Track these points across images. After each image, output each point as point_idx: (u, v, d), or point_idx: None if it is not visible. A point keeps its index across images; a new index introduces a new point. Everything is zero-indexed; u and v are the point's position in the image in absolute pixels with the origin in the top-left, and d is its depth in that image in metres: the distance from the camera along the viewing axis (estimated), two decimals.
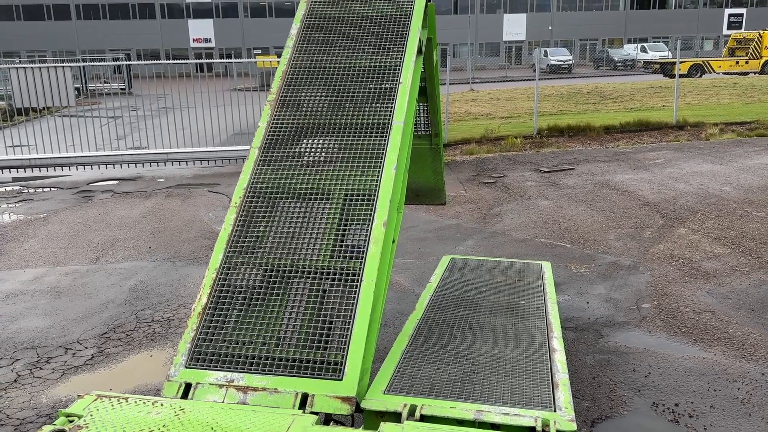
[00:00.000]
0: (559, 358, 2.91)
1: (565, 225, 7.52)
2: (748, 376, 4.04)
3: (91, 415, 2.34)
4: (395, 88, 3.44)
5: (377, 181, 3.04)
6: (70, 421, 2.33)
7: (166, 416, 2.33)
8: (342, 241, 2.88)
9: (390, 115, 3.31)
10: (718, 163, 10.63)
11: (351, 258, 2.80)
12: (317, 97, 3.55)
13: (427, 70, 4.54)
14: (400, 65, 3.55)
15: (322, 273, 2.78)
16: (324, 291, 2.73)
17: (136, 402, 2.43)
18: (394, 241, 3.04)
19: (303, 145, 3.33)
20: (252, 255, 2.96)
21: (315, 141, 3.33)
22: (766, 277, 5.69)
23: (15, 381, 4.21)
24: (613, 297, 5.39)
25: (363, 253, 2.78)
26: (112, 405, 2.42)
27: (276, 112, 3.48)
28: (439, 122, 5.39)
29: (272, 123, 3.43)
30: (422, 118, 5.32)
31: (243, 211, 3.09)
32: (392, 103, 3.37)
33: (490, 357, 2.94)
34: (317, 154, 3.27)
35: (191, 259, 6.62)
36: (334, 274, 2.76)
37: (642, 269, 6.01)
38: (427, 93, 4.97)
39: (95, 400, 2.45)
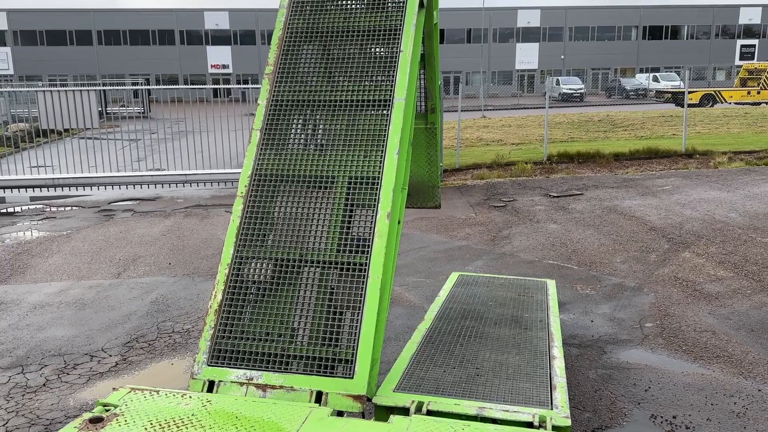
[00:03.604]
0: (558, 365, 3.10)
1: (572, 248, 7.70)
2: (745, 392, 4.18)
3: (126, 405, 2.56)
4: (395, 57, 3.22)
5: (380, 165, 2.98)
6: (107, 410, 2.55)
7: (195, 407, 2.55)
8: (348, 230, 2.90)
9: (391, 91, 3.14)
10: (725, 190, 10.79)
11: (357, 252, 2.84)
12: (315, 69, 3.36)
13: (426, 26, 3.92)
14: (400, 27, 3.29)
15: (330, 265, 2.85)
16: (332, 287, 2.82)
17: (166, 394, 2.65)
18: (399, 222, 3.03)
19: (303, 126, 3.24)
20: (261, 248, 2.98)
21: (315, 120, 3.23)
22: (767, 299, 5.83)
23: (44, 385, 4.44)
24: (617, 316, 5.56)
25: (368, 246, 2.82)
26: (145, 396, 2.64)
27: (275, 87, 3.32)
28: (437, 95, 4.71)
29: (271, 100, 3.30)
30: (417, 90, 4.59)
31: (249, 201, 3.08)
32: (393, 75, 3.18)
33: (494, 362, 3.13)
34: (318, 135, 3.18)
35: (210, 275, 6.87)
36: (342, 268, 2.83)
37: (646, 291, 6.17)
38: (424, 57, 4.32)
39: (129, 392, 2.67)
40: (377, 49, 3.29)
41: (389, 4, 3.38)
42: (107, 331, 5.41)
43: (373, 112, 3.14)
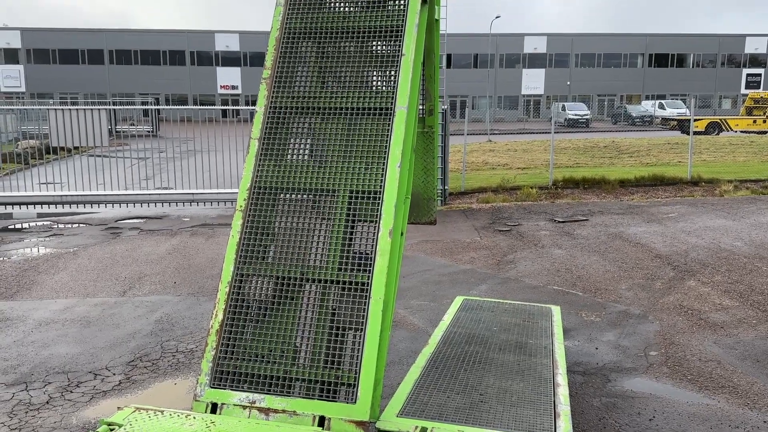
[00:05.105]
0: (563, 392, 3.10)
1: (577, 274, 7.69)
2: (751, 423, 4.15)
3: (131, 425, 2.57)
4: (397, 61, 3.10)
5: (382, 178, 2.90)
6: (111, 429, 2.56)
7: (199, 428, 2.56)
8: (349, 246, 2.86)
9: (392, 98, 3.03)
10: (730, 218, 10.78)
11: (359, 270, 2.81)
12: (314, 73, 3.24)
13: (427, 20, 3.60)
14: (402, 26, 3.14)
15: (331, 284, 2.82)
16: (334, 307, 2.80)
17: (171, 414, 2.65)
18: (402, 234, 2.97)
19: (303, 135, 3.15)
20: (262, 265, 2.93)
21: (315, 129, 3.13)
22: None
23: (47, 402, 4.45)
24: (621, 344, 5.53)
25: (370, 264, 2.78)
26: (149, 416, 2.65)
27: (273, 93, 3.22)
28: (436, 95, 4.45)
29: (269, 107, 3.20)
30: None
31: (249, 215, 3.02)
32: (394, 80, 3.07)
33: (498, 389, 3.13)
34: (319, 145, 3.08)
35: (214, 294, 6.89)
36: (343, 287, 2.80)
37: (651, 318, 6.15)
38: (424, 54, 3.94)
39: (134, 411, 2.68)
40: (378, 52, 3.17)
41: (390, 2, 3.24)
42: (111, 349, 5.42)
43: (374, 120, 3.03)
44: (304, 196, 3.04)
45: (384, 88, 3.11)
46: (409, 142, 3.06)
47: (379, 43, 3.19)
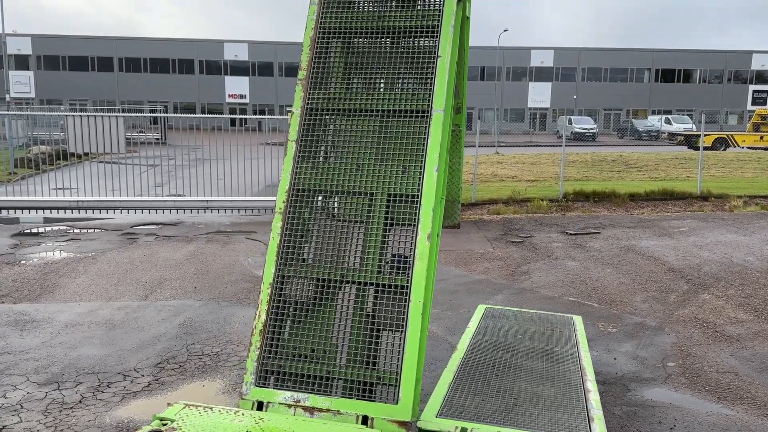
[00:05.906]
0: (594, 397, 3.19)
1: (591, 285, 7.78)
2: None
3: (183, 420, 2.68)
4: (434, 62, 3.09)
5: (419, 181, 2.92)
6: (164, 424, 2.66)
7: (248, 423, 2.66)
8: (388, 249, 2.93)
9: (429, 100, 3.03)
10: (741, 234, 10.86)
11: (398, 272, 2.87)
12: (350, 74, 3.24)
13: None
14: (438, 26, 3.13)
15: (371, 287, 2.89)
16: (374, 309, 2.87)
17: (220, 411, 2.76)
18: (438, 235, 3.01)
19: (340, 137, 3.16)
20: (302, 266, 3.00)
21: (351, 131, 3.14)
22: None
23: (80, 402, 4.55)
24: (639, 355, 5.62)
25: (409, 266, 2.84)
26: (200, 412, 2.76)
27: (309, 94, 3.23)
28: (464, 92, 4.39)
29: (306, 109, 3.21)
30: None
31: (288, 217, 3.06)
32: (431, 82, 3.06)
33: (530, 393, 3.22)
34: (355, 147, 3.09)
35: (235, 300, 6.99)
36: (383, 290, 2.87)
37: (667, 330, 6.23)
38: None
39: (184, 407, 2.79)
40: (414, 52, 3.16)
41: (426, 2, 3.23)
42: (138, 351, 5.52)
43: (410, 122, 3.05)
44: (343, 198, 3.11)
45: (420, 89, 3.11)
46: (445, 144, 3.10)
47: (415, 43, 3.20)
